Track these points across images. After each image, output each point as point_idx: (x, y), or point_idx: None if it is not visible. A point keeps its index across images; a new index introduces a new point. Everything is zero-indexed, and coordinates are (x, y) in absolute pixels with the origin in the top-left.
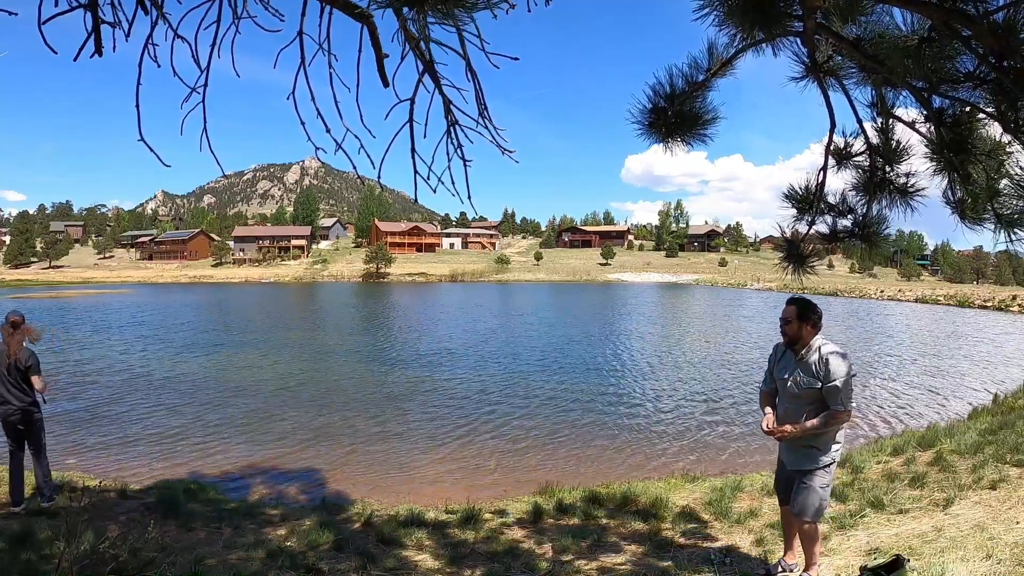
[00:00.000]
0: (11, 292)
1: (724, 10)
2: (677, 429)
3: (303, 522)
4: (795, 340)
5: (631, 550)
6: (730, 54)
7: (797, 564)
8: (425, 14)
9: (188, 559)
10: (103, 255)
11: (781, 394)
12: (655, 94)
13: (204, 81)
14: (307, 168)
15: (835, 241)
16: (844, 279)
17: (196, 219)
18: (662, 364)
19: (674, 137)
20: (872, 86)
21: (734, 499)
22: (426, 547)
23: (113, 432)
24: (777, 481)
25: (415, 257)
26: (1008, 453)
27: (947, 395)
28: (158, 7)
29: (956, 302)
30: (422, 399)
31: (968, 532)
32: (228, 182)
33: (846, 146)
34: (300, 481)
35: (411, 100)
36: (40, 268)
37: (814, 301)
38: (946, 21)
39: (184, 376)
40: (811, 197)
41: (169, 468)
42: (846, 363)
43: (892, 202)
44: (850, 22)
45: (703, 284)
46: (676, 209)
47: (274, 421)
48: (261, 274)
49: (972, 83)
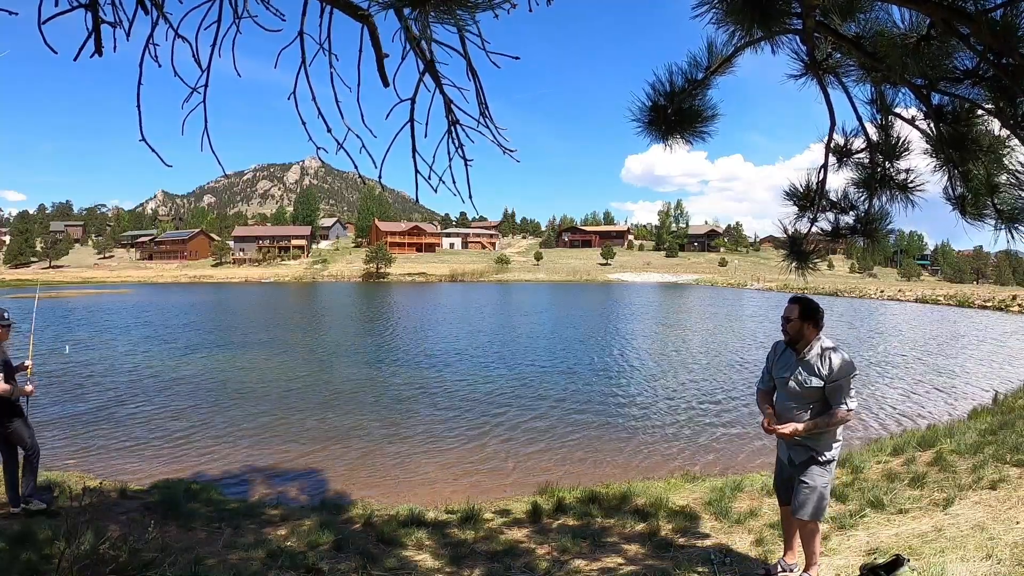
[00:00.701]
0: (11, 292)
1: (723, 8)
2: (677, 429)
3: (303, 522)
4: (797, 339)
5: (631, 550)
6: (729, 52)
7: (797, 564)
8: (427, 14)
9: (188, 559)
10: (103, 255)
11: (780, 392)
12: (655, 92)
13: (205, 81)
14: (307, 168)
15: (838, 238)
16: (844, 279)
17: (196, 219)
18: (661, 364)
19: (673, 135)
20: (872, 84)
21: (734, 499)
22: (426, 547)
23: (113, 432)
24: (777, 481)
25: (415, 257)
26: (1008, 453)
27: (947, 395)
28: (158, 7)
29: (956, 302)
30: (421, 399)
31: (968, 532)
32: (228, 182)
33: (846, 143)
34: (300, 481)
35: (412, 100)
36: (40, 268)
37: (815, 300)
38: (945, 19)
39: (184, 376)
40: (812, 195)
41: (169, 468)
42: (848, 362)
43: (893, 198)
44: (849, 20)
45: (703, 284)
46: (676, 209)
47: (275, 421)
48: (261, 274)
49: (971, 80)
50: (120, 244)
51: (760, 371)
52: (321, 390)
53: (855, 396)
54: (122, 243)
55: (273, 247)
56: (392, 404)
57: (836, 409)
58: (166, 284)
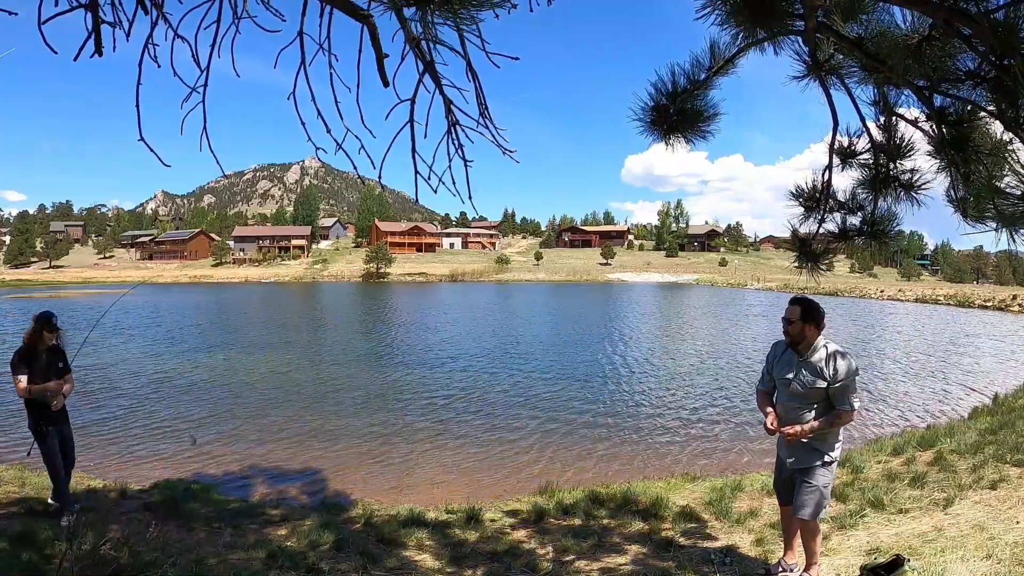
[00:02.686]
0: (11, 292)
1: (726, 10)
2: (678, 429)
3: (304, 522)
4: (799, 340)
5: (632, 550)
6: (732, 53)
7: (797, 564)
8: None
9: (189, 559)
10: (103, 255)
11: (781, 393)
12: (657, 92)
13: (204, 81)
14: (307, 168)
15: (845, 239)
16: (844, 279)
17: (196, 219)
18: (662, 363)
19: (675, 134)
20: (874, 85)
21: (734, 499)
22: (427, 547)
23: (114, 432)
24: (777, 482)
25: (415, 257)
26: (1008, 453)
27: (947, 395)
28: (158, 7)
29: (956, 302)
30: (423, 399)
31: (968, 532)
32: (228, 182)
33: (850, 144)
34: (301, 481)
35: (411, 100)
36: (40, 268)
37: (816, 301)
38: (947, 20)
39: (185, 376)
40: (818, 196)
41: (170, 468)
42: (850, 362)
43: (898, 198)
44: (851, 21)
45: (703, 284)
46: (676, 209)
47: (275, 421)
48: (261, 274)
49: (973, 81)
50: (120, 244)
51: (759, 371)
52: (321, 390)
53: (857, 396)
54: (122, 243)
55: (273, 247)
56: (393, 404)
57: (840, 409)
58: (166, 284)
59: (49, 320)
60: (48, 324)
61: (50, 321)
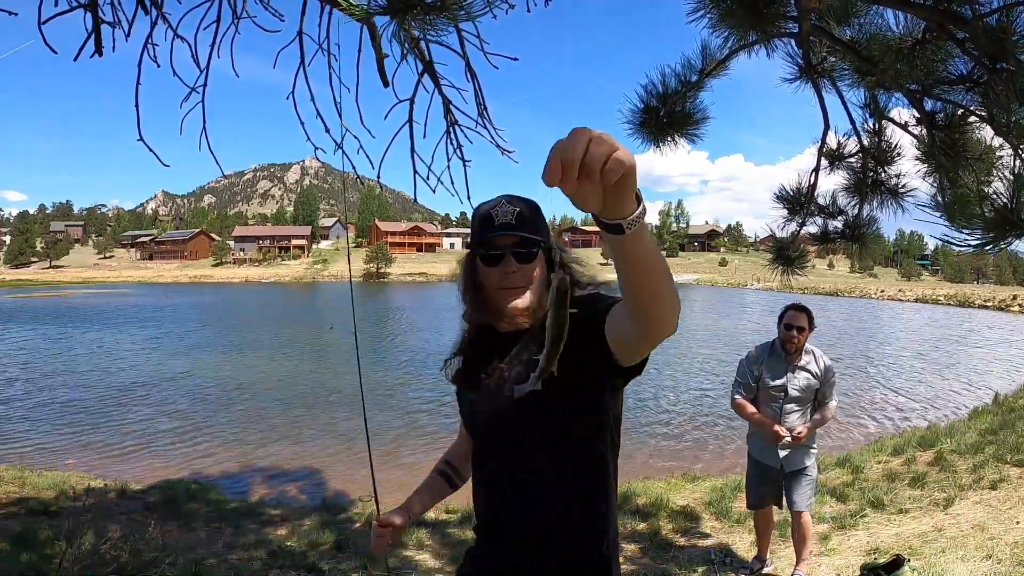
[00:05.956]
0: (11, 292)
1: (719, 12)
2: (678, 429)
3: (304, 522)
4: (802, 347)
5: (631, 550)
6: (724, 55)
7: (771, 561)
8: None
9: (189, 559)
10: (103, 255)
11: (771, 399)
12: (647, 94)
13: (204, 81)
14: (307, 168)
15: (826, 242)
16: (844, 279)
17: (196, 219)
18: (662, 363)
19: (664, 136)
20: (866, 88)
21: (734, 499)
22: (427, 546)
23: (114, 432)
24: (761, 490)
25: (415, 257)
26: (1008, 453)
27: (947, 395)
28: (158, 7)
29: (956, 302)
30: (423, 399)
31: (968, 532)
32: (228, 182)
33: (839, 147)
34: (301, 481)
35: (411, 100)
36: (40, 268)
37: (810, 304)
38: (940, 23)
39: (185, 376)
40: (802, 198)
41: (170, 468)
42: (827, 358)
43: (884, 203)
44: (844, 23)
45: (703, 284)
46: (676, 209)
47: (275, 421)
48: (261, 274)
49: (965, 86)
50: (120, 244)
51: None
52: (322, 390)
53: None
54: (122, 243)
55: (273, 247)
56: (394, 404)
57: (830, 403)
58: (166, 284)
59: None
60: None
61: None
